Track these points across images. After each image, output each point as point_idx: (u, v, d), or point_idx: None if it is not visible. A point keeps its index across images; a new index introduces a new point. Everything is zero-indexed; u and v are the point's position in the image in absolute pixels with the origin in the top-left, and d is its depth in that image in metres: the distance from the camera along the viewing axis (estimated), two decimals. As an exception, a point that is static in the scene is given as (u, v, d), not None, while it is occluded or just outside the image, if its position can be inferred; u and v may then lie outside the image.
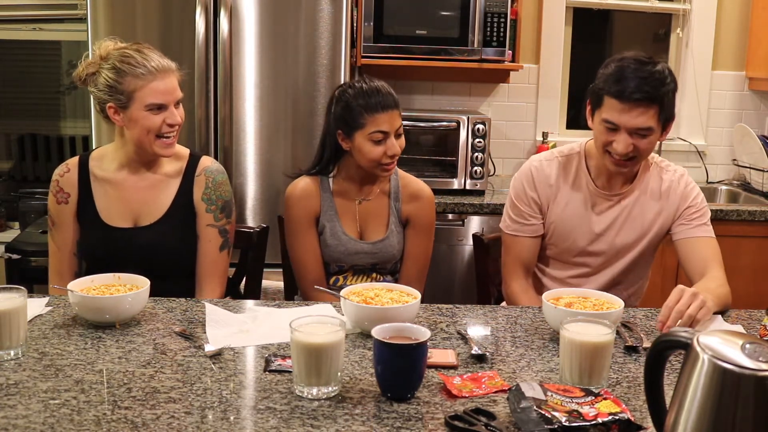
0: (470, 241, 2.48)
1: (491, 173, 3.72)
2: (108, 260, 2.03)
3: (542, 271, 2.28)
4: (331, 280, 2.30)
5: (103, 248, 2.10)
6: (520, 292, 2.20)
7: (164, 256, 2.09)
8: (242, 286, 2.40)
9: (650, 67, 2.00)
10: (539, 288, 2.26)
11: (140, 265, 1.96)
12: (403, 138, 2.19)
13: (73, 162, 2.14)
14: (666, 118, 2.03)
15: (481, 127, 3.31)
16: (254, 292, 2.39)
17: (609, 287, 2.18)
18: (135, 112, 2.00)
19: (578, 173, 2.18)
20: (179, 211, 2.12)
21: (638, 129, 1.99)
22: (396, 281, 2.31)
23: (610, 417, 1.26)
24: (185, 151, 2.18)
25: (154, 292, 1.82)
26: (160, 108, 2.01)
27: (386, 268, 2.30)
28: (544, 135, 3.76)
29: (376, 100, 2.12)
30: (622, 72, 1.99)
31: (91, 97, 2.09)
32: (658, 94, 1.97)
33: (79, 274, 2.12)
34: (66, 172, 2.12)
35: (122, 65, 1.99)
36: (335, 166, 2.28)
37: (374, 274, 2.29)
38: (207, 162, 2.17)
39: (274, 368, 1.50)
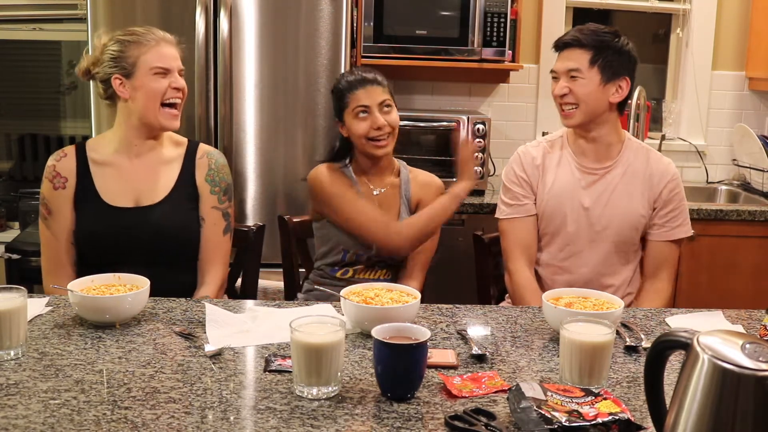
0: (470, 241, 2.48)
1: (491, 173, 3.71)
2: (109, 243, 2.04)
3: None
4: (339, 273, 2.31)
5: (105, 229, 2.07)
6: (524, 283, 2.22)
7: (167, 237, 2.09)
8: (238, 284, 2.40)
9: (593, 26, 2.20)
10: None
11: (142, 246, 1.97)
12: (393, 113, 2.29)
13: (69, 148, 2.14)
14: (604, 66, 2.15)
15: (481, 127, 3.31)
16: (251, 291, 2.39)
17: (599, 271, 2.21)
18: (141, 78, 2.04)
19: (562, 154, 2.28)
20: (181, 193, 2.12)
21: (569, 71, 2.17)
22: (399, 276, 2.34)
23: (610, 417, 1.26)
24: (183, 139, 2.22)
25: (157, 277, 1.82)
26: (165, 72, 2.06)
27: (394, 260, 2.33)
28: (544, 135, 3.76)
29: (355, 79, 2.29)
30: (567, 31, 2.24)
31: (92, 87, 2.13)
32: (588, 40, 2.16)
33: (78, 264, 2.11)
34: (63, 157, 2.12)
35: (126, 37, 2.07)
36: (349, 158, 2.37)
37: (383, 270, 2.31)
38: (206, 147, 2.23)
39: (274, 368, 1.50)
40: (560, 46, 2.21)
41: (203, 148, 2.20)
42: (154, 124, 2.08)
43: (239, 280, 2.40)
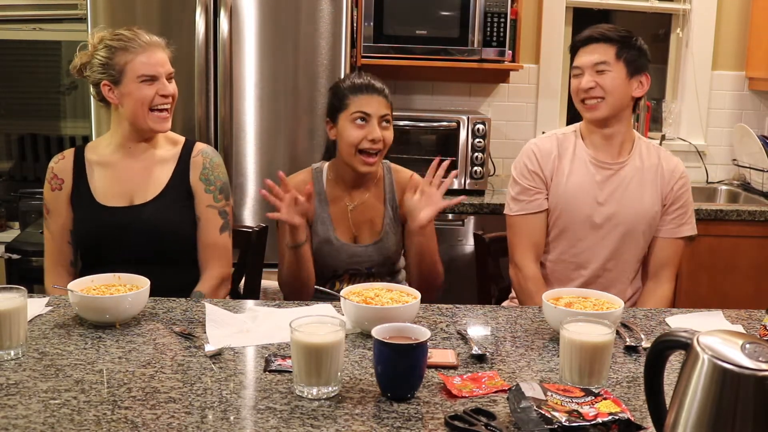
0: (470, 241, 2.48)
1: (491, 173, 3.71)
2: (103, 242, 2.07)
3: (545, 253, 2.30)
4: (326, 285, 2.28)
5: (98, 229, 2.10)
6: (531, 276, 2.22)
7: (159, 235, 2.10)
8: (241, 285, 2.40)
9: (611, 24, 2.23)
10: (541, 270, 2.28)
11: (136, 244, 1.98)
12: (390, 131, 2.20)
13: (69, 151, 2.18)
14: (629, 60, 2.17)
15: (481, 127, 3.31)
16: (253, 292, 2.39)
17: (609, 267, 2.22)
18: (128, 85, 2.05)
19: (576, 148, 2.27)
20: (175, 191, 2.13)
21: (595, 65, 2.17)
22: (395, 282, 2.30)
23: (610, 417, 1.26)
24: (181, 138, 2.22)
25: (155, 276, 1.82)
26: (152, 80, 2.06)
27: (383, 270, 2.28)
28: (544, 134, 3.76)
29: (362, 83, 2.19)
30: (584, 30, 2.25)
31: (90, 88, 2.15)
32: (611, 35, 2.18)
33: (74, 263, 2.15)
34: (61, 160, 2.16)
35: (113, 42, 2.07)
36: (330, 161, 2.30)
37: (369, 278, 2.27)
38: (202, 145, 2.22)
39: (274, 368, 1.50)
40: (583, 41, 2.22)
41: (199, 146, 2.21)
42: (144, 128, 2.10)
43: (242, 281, 2.40)
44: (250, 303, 1.93)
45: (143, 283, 1.79)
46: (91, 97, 2.91)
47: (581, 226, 2.22)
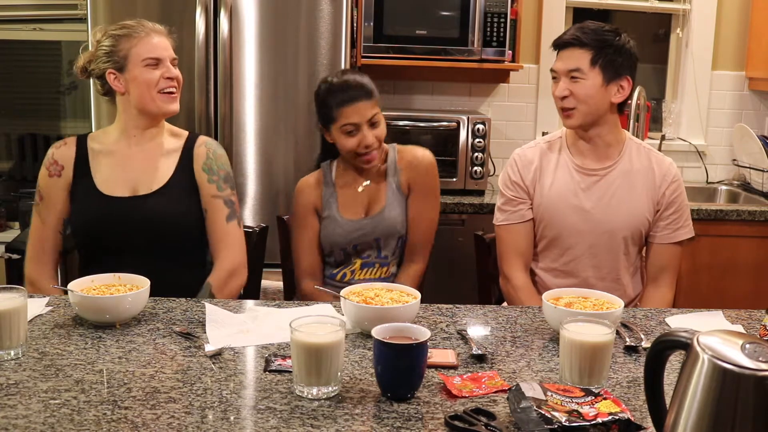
0: (470, 241, 2.48)
1: (491, 173, 3.71)
2: (104, 232, 2.05)
3: (535, 261, 2.29)
4: (339, 276, 2.31)
5: (99, 219, 2.08)
6: (521, 285, 2.20)
7: (161, 227, 2.08)
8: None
9: (593, 24, 2.16)
10: (533, 278, 2.27)
11: (137, 236, 1.98)
12: (381, 127, 2.26)
13: (71, 138, 2.16)
14: (606, 65, 2.10)
15: (481, 127, 3.31)
16: (253, 291, 2.39)
17: (602, 276, 2.20)
18: (133, 71, 2.05)
19: (560, 155, 2.24)
20: (180, 184, 2.12)
21: (569, 71, 2.12)
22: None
23: (610, 417, 1.26)
24: (184, 132, 2.22)
25: (157, 271, 1.82)
26: (157, 63, 2.06)
27: (391, 244, 2.32)
28: (544, 135, 3.76)
29: (343, 95, 2.22)
30: (567, 29, 2.19)
31: (92, 86, 2.15)
32: (588, 39, 2.11)
33: (63, 254, 2.14)
34: (63, 146, 2.14)
35: (117, 31, 2.08)
36: (333, 155, 2.38)
37: (382, 267, 2.31)
38: (205, 138, 2.23)
39: (274, 368, 1.50)
40: (560, 45, 2.16)
41: (202, 138, 2.21)
42: (153, 111, 2.09)
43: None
44: (250, 303, 1.93)
45: (143, 283, 1.79)
46: (92, 96, 2.93)
47: (568, 234, 2.20)
